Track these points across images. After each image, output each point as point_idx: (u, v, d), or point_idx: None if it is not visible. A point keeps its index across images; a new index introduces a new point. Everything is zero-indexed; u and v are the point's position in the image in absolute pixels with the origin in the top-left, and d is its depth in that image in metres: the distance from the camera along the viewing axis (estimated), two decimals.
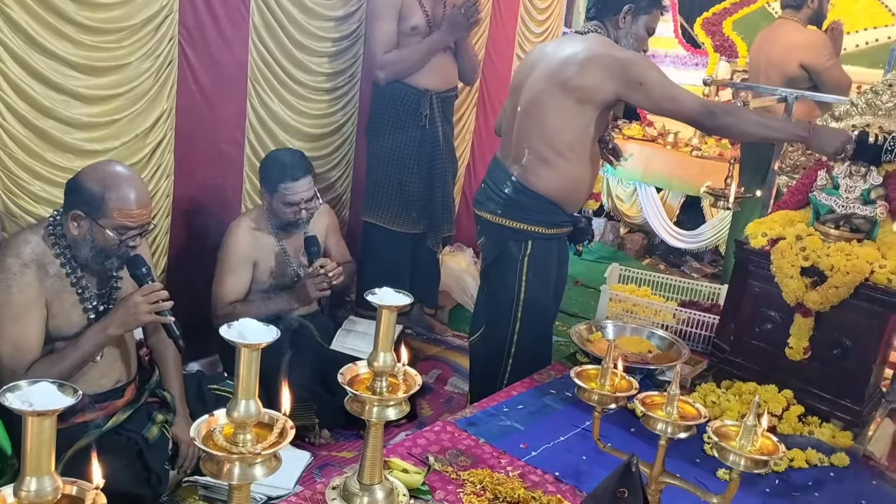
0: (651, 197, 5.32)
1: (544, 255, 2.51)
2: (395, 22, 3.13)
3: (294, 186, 2.67)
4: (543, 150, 2.40)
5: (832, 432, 2.05)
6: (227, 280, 2.70)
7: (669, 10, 5.63)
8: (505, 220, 2.48)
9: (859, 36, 5.02)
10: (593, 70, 2.29)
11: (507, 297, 2.54)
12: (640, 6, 2.41)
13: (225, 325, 1.08)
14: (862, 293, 2.03)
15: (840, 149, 2.14)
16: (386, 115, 3.26)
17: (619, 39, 2.42)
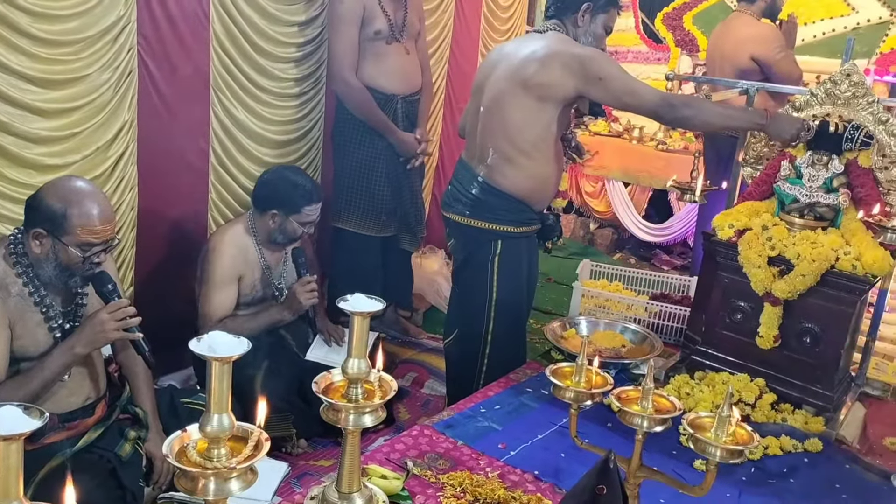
0: (619, 192, 5.36)
1: (514, 255, 2.52)
2: (357, 28, 3.11)
3: (317, 208, 2.71)
4: (508, 149, 2.41)
5: (805, 418, 2.09)
6: (214, 298, 2.64)
7: (630, 6, 5.68)
8: (473, 221, 2.49)
9: (816, 26, 5.10)
10: (553, 67, 2.30)
11: (480, 298, 2.54)
12: (598, 5, 2.43)
13: (195, 339, 1.07)
14: (828, 280, 2.07)
15: (796, 135, 2.19)
16: (352, 120, 3.24)
17: (577, 38, 2.44)
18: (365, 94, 3.16)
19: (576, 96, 2.35)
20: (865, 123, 2.17)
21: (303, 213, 2.67)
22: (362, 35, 3.13)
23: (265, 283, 2.76)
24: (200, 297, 2.67)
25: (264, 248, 2.73)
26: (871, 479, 1.89)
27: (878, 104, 2.17)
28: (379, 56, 3.20)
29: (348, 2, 3.06)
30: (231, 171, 3.03)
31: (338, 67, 3.13)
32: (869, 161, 2.18)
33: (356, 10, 3.08)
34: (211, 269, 2.65)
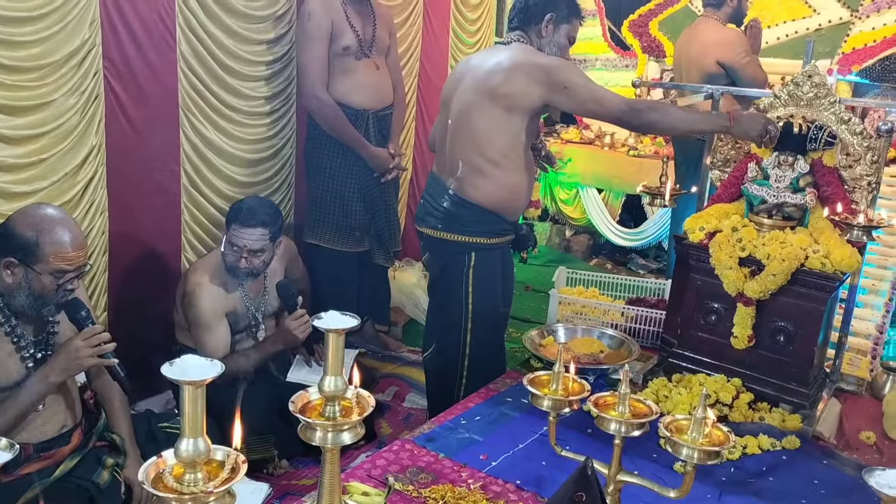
0: (593, 198, 5.40)
1: (489, 266, 2.53)
2: (326, 44, 3.11)
3: (252, 233, 2.59)
4: (477, 161, 2.42)
5: (782, 416, 2.11)
6: (207, 341, 2.60)
7: (597, 14, 5.74)
8: (446, 234, 2.50)
9: (779, 29, 5.20)
10: (519, 77, 2.32)
11: (456, 311, 2.54)
12: (561, 16, 2.46)
13: (167, 363, 1.06)
14: (799, 279, 2.10)
15: (762, 131, 2.21)
16: (324, 136, 3.24)
17: (542, 48, 2.46)
18: (336, 110, 3.16)
19: (542, 105, 2.37)
20: (828, 123, 2.21)
21: (231, 230, 2.60)
22: (331, 51, 3.14)
23: (244, 315, 2.73)
24: (195, 344, 2.63)
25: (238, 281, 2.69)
26: (849, 473, 1.91)
27: (839, 104, 2.21)
28: (349, 72, 3.20)
29: (316, 18, 3.07)
30: (203, 191, 3.01)
31: (309, 84, 3.13)
32: (833, 160, 2.22)
33: (324, 27, 3.09)
34: (196, 312, 2.60)
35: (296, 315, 2.62)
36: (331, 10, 3.10)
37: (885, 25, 4.79)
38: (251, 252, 2.60)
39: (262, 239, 2.61)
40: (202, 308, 2.60)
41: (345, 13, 3.14)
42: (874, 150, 2.16)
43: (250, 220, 2.59)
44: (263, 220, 2.61)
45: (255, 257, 2.62)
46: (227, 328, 2.66)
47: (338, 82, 3.18)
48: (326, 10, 3.09)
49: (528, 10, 2.46)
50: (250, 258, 2.61)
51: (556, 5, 2.45)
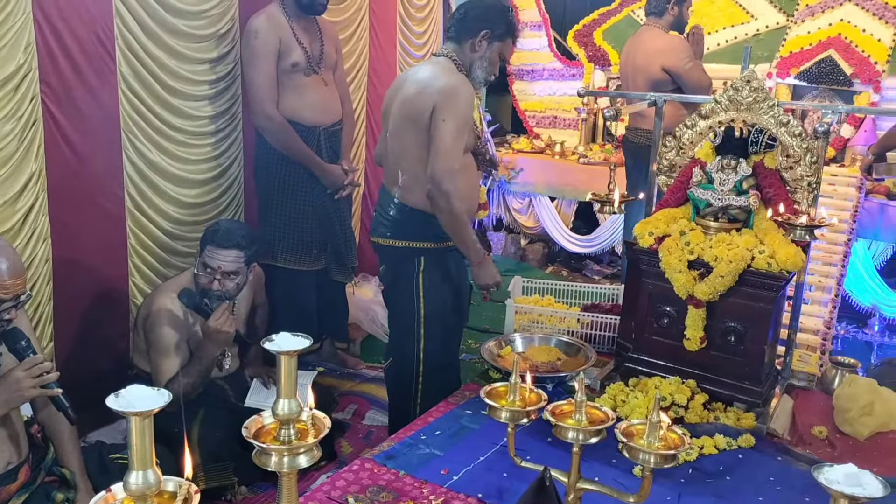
0: (546, 207, 5.45)
1: (438, 269, 2.58)
2: (274, 61, 3.09)
3: (225, 255, 2.58)
4: (415, 169, 2.48)
5: (736, 415, 2.14)
6: (163, 366, 2.57)
7: (542, 26, 5.81)
8: (395, 241, 2.56)
9: (720, 35, 5.33)
10: (425, 98, 2.40)
11: (409, 317, 2.59)
12: (497, 33, 2.50)
13: (112, 395, 1.03)
14: (746, 279, 2.14)
15: (485, 287, 2.59)
16: (274, 154, 3.20)
17: (473, 62, 2.52)
18: (287, 127, 3.13)
19: None
20: (768, 126, 2.26)
21: (206, 252, 2.59)
22: (279, 68, 3.11)
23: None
24: (151, 366, 2.59)
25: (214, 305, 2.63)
26: (803, 468, 1.94)
27: (778, 107, 2.26)
28: (298, 89, 3.18)
29: (263, 36, 3.04)
30: (149, 214, 2.95)
31: (258, 102, 3.09)
32: (774, 162, 2.27)
33: (272, 44, 3.06)
34: (156, 335, 2.56)
35: (214, 317, 2.55)
36: (278, 28, 3.08)
37: (820, 29, 4.94)
38: (225, 274, 2.60)
39: (236, 261, 2.61)
40: (164, 332, 2.56)
41: (292, 30, 3.12)
42: (813, 151, 2.22)
43: (226, 241, 2.59)
44: (239, 242, 2.61)
45: (228, 280, 2.61)
46: (187, 354, 2.61)
47: (287, 99, 3.15)
48: (273, 28, 3.07)
49: (465, 22, 2.50)
50: (224, 280, 2.60)
51: (492, 23, 2.48)
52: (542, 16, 5.82)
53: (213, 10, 3.06)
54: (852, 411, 2.19)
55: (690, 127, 2.39)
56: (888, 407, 2.22)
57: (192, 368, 2.60)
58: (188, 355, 2.62)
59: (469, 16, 2.48)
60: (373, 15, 4.20)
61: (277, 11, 3.11)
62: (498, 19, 2.49)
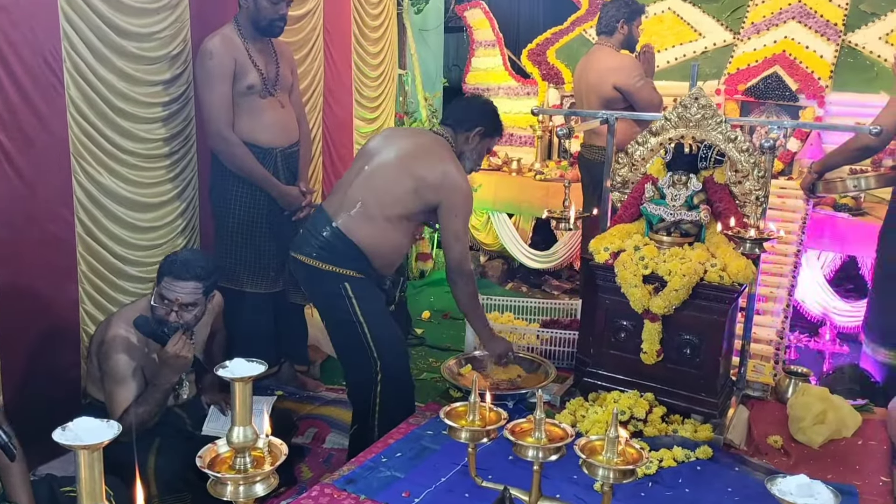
0: (504, 223, 5.48)
1: (366, 292, 2.62)
2: (229, 84, 3.05)
3: (174, 285, 2.51)
4: (374, 209, 2.59)
5: (694, 427, 2.17)
6: (117, 395, 2.49)
7: (496, 44, 5.87)
8: (319, 264, 2.60)
9: (669, 53, 5.44)
10: (433, 183, 2.56)
11: (355, 340, 2.60)
12: (488, 131, 2.73)
13: (59, 429, 1.00)
14: (700, 292, 2.18)
15: (498, 358, 2.64)
16: (230, 176, 3.16)
17: (464, 152, 2.71)
18: (243, 149, 3.10)
19: (435, 207, 2.62)
20: (716, 142, 2.31)
21: (163, 283, 2.52)
22: (235, 90, 3.08)
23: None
24: (105, 395, 2.51)
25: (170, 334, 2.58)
26: (759, 478, 1.97)
27: (725, 124, 2.32)
28: (254, 111, 3.15)
29: (218, 57, 3.01)
30: (101, 240, 2.89)
31: (213, 124, 3.06)
32: (723, 177, 2.32)
33: (227, 65, 3.03)
34: (111, 364, 2.48)
35: (172, 342, 2.49)
36: (233, 49, 3.05)
37: (765, 46, 5.08)
38: (182, 306, 2.52)
39: (194, 293, 2.54)
40: (118, 360, 2.50)
41: (247, 52, 3.10)
42: (760, 165, 2.28)
43: (184, 273, 2.52)
44: (197, 273, 2.54)
45: (186, 311, 2.54)
46: (142, 383, 2.55)
47: (243, 122, 3.12)
48: (228, 49, 3.04)
49: (464, 116, 2.72)
50: (181, 312, 2.52)
51: (486, 122, 2.71)
52: (495, 35, 5.88)
53: (165, 32, 3.03)
54: (806, 420, 2.24)
55: (642, 144, 2.43)
56: (840, 415, 2.28)
57: (148, 396, 2.54)
58: (143, 383, 2.56)
59: (469, 113, 2.73)
60: (327, 35, 4.19)
61: (232, 33, 3.09)
62: (493, 121, 2.74)
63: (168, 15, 3.04)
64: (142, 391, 2.54)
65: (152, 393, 2.53)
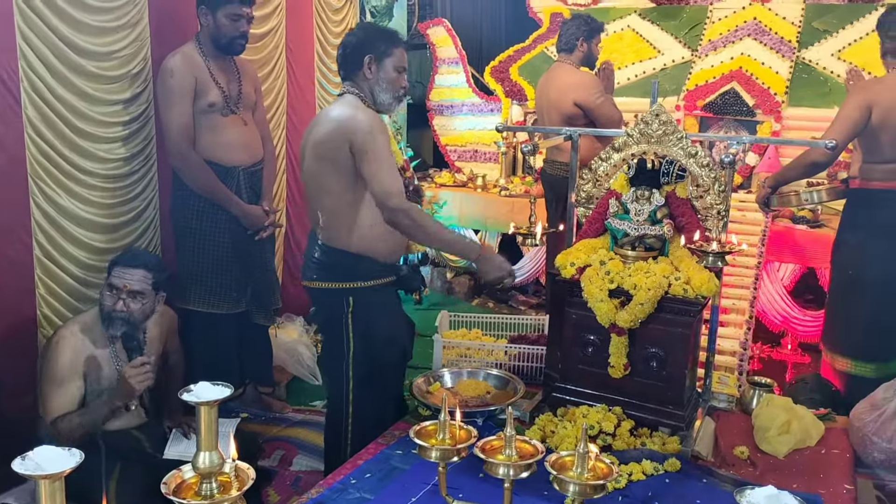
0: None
1: (368, 309, 2.55)
2: (190, 102, 3.03)
3: (123, 271, 2.55)
4: (333, 208, 2.49)
5: (662, 440, 2.18)
6: (53, 397, 2.43)
7: (459, 62, 5.92)
8: (323, 284, 2.54)
9: (629, 70, 5.54)
10: (334, 137, 2.41)
11: (338, 358, 2.56)
12: (379, 53, 2.49)
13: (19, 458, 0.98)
14: (665, 305, 2.20)
15: (498, 281, 2.47)
16: (192, 195, 3.12)
17: (373, 89, 2.52)
18: (204, 168, 3.07)
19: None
20: (678, 158, 2.35)
21: (112, 273, 2.56)
22: (196, 108, 3.05)
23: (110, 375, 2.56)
24: (41, 396, 2.46)
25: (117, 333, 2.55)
26: (727, 489, 1.99)
27: (686, 139, 2.36)
28: (216, 129, 3.12)
29: (179, 75, 2.98)
30: (60, 262, 2.83)
31: (173, 143, 3.02)
32: (685, 192, 2.36)
33: (188, 83, 3.00)
34: (50, 364, 2.44)
35: (135, 363, 2.47)
36: (194, 67, 3.03)
37: (723, 63, 5.21)
38: (130, 293, 2.53)
39: (143, 281, 2.56)
40: (58, 360, 2.46)
41: (208, 70, 3.07)
42: (720, 180, 2.32)
43: (133, 261, 2.59)
44: (146, 262, 2.61)
45: (133, 301, 2.54)
46: (81, 388, 2.49)
47: (205, 140, 3.09)
48: (189, 67, 3.02)
49: (347, 59, 2.51)
50: (129, 301, 2.53)
51: (371, 45, 2.49)
52: (459, 53, 5.93)
53: (125, 51, 2.99)
54: (771, 430, 2.27)
55: (605, 160, 2.46)
56: (804, 424, 2.32)
57: (92, 409, 2.48)
58: (83, 392, 2.50)
59: (348, 50, 2.51)
60: (290, 53, 4.18)
61: (193, 51, 3.07)
62: (374, 40, 2.50)
63: (128, 33, 3.01)
64: (82, 398, 2.48)
65: (98, 407, 2.48)
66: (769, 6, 5.47)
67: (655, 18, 5.79)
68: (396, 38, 2.56)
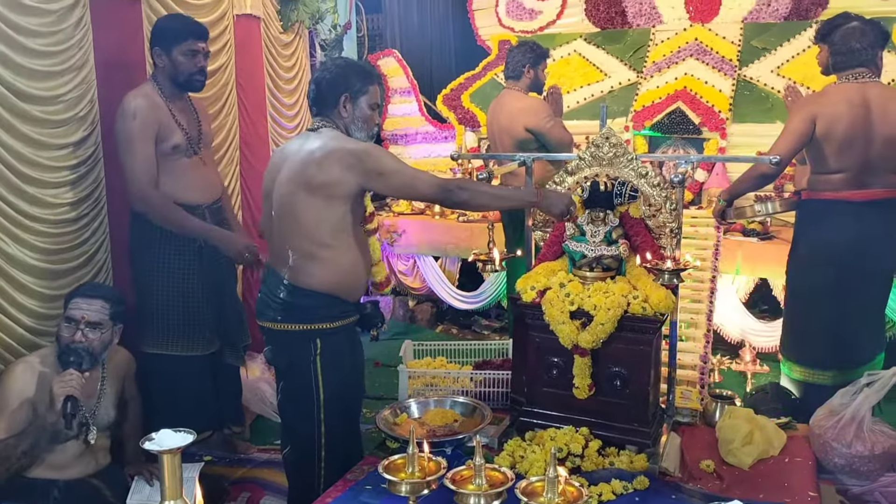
0: (431, 267, 5.50)
1: (336, 350, 2.49)
2: (152, 145, 2.97)
3: (81, 302, 2.56)
4: (307, 247, 2.40)
5: (629, 458, 2.20)
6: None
7: (412, 91, 5.96)
8: (287, 326, 2.44)
9: (578, 93, 5.65)
10: (333, 166, 2.33)
11: (307, 403, 2.47)
12: (355, 90, 2.46)
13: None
14: (625, 324, 2.23)
15: (565, 210, 2.39)
16: (154, 238, 3.05)
17: (348, 128, 2.48)
18: (170, 205, 3.00)
19: (361, 190, 2.39)
20: (629, 179, 2.40)
21: (70, 306, 2.59)
22: (159, 151, 2.99)
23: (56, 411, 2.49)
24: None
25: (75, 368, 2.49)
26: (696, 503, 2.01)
27: (637, 160, 2.41)
28: (178, 171, 3.06)
29: (141, 118, 2.92)
30: (9, 311, 2.74)
31: (136, 185, 2.94)
32: (638, 211, 2.40)
33: (151, 126, 2.95)
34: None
35: (64, 374, 2.43)
36: (157, 110, 2.98)
37: (667, 83, 5.34)
38: (89, 324, 2.55)
39: (101, 311, 2.58)
40: (7, 387, 2.43)
41: (170, 111, 3.03)
42: (672, 198, 2.37)
43: (91, 291, 2.63)
44: (105, 294, 2.65)
45: (92, 331, 2.55)
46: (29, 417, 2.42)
47: (168, 182, 3.02)
48: (153, 110, 2.97)
49: (322, 96, 2.46)
50: (87, 332, 2.54)
51: (346, 83, 2.45)
52: (410, 82, 5.98)
53: (70, 94, 2.95)
54: (734, 442, 2.30)
55: (559, 183, 2.50)
56: (766, 434, 2.36)
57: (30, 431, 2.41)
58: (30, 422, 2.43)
59: (322, 87, 2.46)
60: (240, 89, 4.17)
61: (153, 92, 3.02)
62: (350, 77, 2.46)
63: (73, 76, 2.96)
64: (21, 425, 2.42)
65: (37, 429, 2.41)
66: (709, 27, 5.64)
67: (600, 42, 5.92)
68: (371, 75, 2.53)
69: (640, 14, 5.92)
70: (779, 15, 5.49)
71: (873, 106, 3.04)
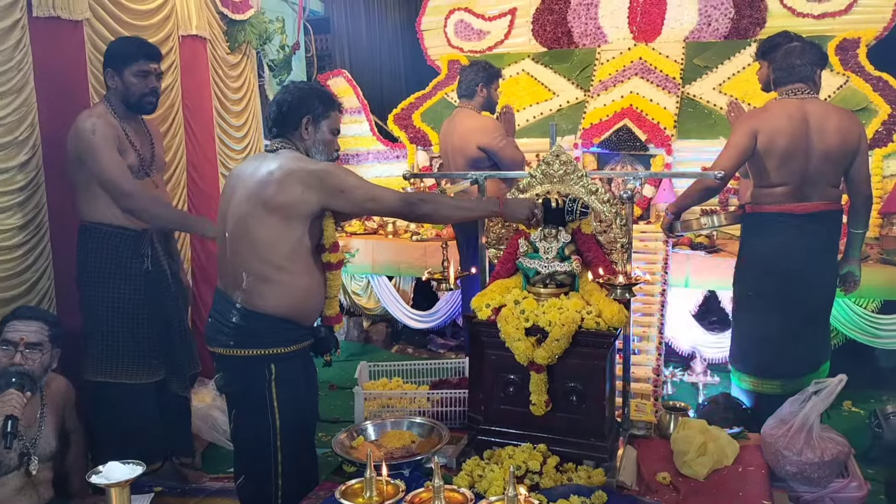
0: (385, 286, 5.47)
1: (290, 375, 2.43)
2: (117, 153, 2.92)
3: (19, 324, 2.56)
4: (261, 269, 2.35)
5: (587, 473, 2.21)
6: None
7: (362, 111, 5.96)
8: (240, 351, 2.38)
9: (528, 112, 5.71)
10: (293, 186, 2.30)
11: (263, 429, 2.40)
12: (317, 113, 2.45)
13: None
14: (579, 340, 2.25)
15: (529, 214, 2.39)
16: (101, 263, 2.96)
17: (308, 150, 2.46)
18: (152, 198, 3.00)
19: (321, 210, 2.37)
20: (580, 195, 2.43)
21: (6, 329, 2.58)
22: None
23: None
24: None
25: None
26: None
27: (587, 177, 2.44)
28: None
29: (101, 131, 2.85)
30: None
31: (116, 187, 2.88)
32: (590, 227, 2.43)
33: (111, 137, 2.89)
34: None
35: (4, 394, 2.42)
36: (112, 128, 2.93)
37: (614, 101, 5.44)
38: (28, 346, 2.54)
39: (40, 332, 2.57)
40: None
41: (124, 132, 2.98)
42: (622, 214, 2.41)
43: (29, 313, 2.63)
44: (43, 316, 2.67)
45: (32, 352, 2.53)
46: None
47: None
48: (108, 127, 2.91)
49: (283, 118, 2.44)
50: (26, 353, 2.53)
51: (309, 107, 2.44)
52: (360, 102, 5.97)
53: (9, 118, 2.86)
54: (689, 453, 2.33)
55: None
56: (719, 444, 2.39)
57: None
58: None
59: (284, 109, 2.44)
60: (186, 110, 4.10)
61: (106, 111, 2.96)
62: (312, 100, 2.45)
63: (13, 99, 2.88)
64: None
65: None
66: (653, 46, 5.77)
67: (548, 62, 6.01)
68: (334, 100, 2.52)
69: (585, 34, 6.03)
70: (719, 34, 5.65)
71: (812, 121, 3.14)
